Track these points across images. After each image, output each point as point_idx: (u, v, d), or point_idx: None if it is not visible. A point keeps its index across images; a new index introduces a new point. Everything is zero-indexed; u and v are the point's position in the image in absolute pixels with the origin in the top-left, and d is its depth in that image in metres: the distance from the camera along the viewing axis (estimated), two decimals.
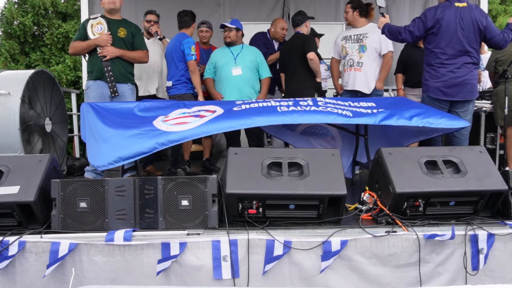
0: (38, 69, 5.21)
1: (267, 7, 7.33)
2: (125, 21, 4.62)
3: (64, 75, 10.20)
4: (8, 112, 4.53)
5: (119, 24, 4.51)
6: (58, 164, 3.20)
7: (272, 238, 2.67)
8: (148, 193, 2.80)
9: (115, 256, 2.69)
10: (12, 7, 10.57)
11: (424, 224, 2.83)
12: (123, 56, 4.46)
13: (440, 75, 4.12)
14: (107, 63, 4.35)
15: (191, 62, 4.80)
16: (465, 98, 4.14)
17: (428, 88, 4.22)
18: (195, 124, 3.34)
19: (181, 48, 4.82)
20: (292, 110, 3.43)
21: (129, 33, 4.53)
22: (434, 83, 4.16)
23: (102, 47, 4.35)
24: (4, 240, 2.67)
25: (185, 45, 4.79)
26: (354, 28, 5.05)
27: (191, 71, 4.84)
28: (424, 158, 3.04)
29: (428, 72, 4.23)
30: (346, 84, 5.05)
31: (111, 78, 4.35)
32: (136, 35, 4.61)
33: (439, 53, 4.11)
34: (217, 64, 5.12)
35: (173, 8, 6.06)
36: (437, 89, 4.14)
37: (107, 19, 4.44)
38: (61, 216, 2.77)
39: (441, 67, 4.12)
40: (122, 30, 4.48)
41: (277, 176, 2.87)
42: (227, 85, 5.05)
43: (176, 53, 4.87)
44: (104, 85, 4.40)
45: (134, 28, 4.63)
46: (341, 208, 2.88)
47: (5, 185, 2.84)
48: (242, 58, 5.06)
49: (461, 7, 4.06)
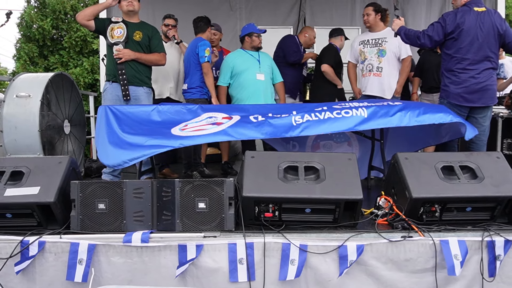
0: (57, 72, 5.30)
1: (282, 11, 7.34)
2: (143, 24, 4.65)
3: (82, 78, 10.35)
4: (28, 114, 4.61)
5: (136, 27, 4.54)
6: (77, 165, 3.25)
7: (288, 242, 2.68)
8: (166, 195, 2.83)
9: (133, 257, 2.72)
10: (31, 11, 10.75)
11: (440, 230, 2.82)
12: (139, 59, 4.48)
13: (461, 81, 4.05)
14: (121, 65, 4.38)
15: (205, 64, 4.82)
16: (486, 104, 4.08)
17: (448, 94, 4.13)
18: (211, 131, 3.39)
19: (196, 51, 4.86)
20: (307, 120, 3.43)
21: (145, 36, 4.55)
22: (455, 89, 4.08)
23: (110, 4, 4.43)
24: (24, 240, 2.72)
25: (199, 48, 4.83)
26: (372, 32, 5.02)
27: (204, 73, 4.86)
28: (441, 163, 3.02)
29: (448, 78, 4.14)
30: (365, 89, 5.02)
31: (124, 81, 4.39)
32: (153, 37, 4.61)
33: (460, 58, 4.04)
34: (237, 69, 5.07)
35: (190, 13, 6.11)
36: (458, 95, 4.06)
37: (126, 22, 4.50)
38: (80, 217, 2.82)
39: (462, 72, 4.04)
40: (138, 33, 4.50)
41: (294, 180, 2.88)
42: (252, 90, 5.01)
43: (192, 57, 4.91)
44: (119, 88, 4.45)
45: (151, 31, 4.64)
46: (357, 213, 2.88)
47: (25, 186, 2.89)
48: (263, 63, 5.08)
49: (480, 11, 4.02)
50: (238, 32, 7.30)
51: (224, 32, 6.11)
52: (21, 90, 4.70)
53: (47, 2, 10.75)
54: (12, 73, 12.25)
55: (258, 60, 5.07)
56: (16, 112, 4.63)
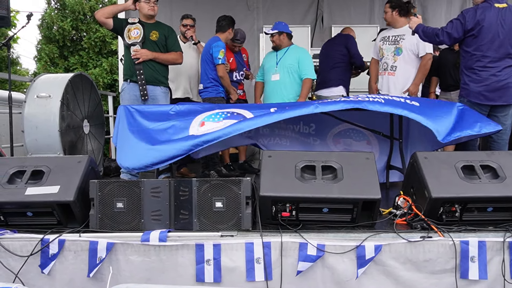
0: (77, 72, 5.36)
1: (300, 10, 7.33)
2: (159, 24, 4.68)
3: (101, 78, 10.48)
4: (48, 114, 4.68)
5: (152, 27, 4.57)
6: (96, 165, 3.28)
7: (305, 241, 2.67)
8: (183, 194, 2.84)
9: (151, 256, 2.74)
10: (52, 12, 10.91)
11: (460, 230, 2.77)
12: (156, 58, 4.51)
13: (482, 79, 3.98)
14: (139, 66, 4.42)
15: (219, 66, 4.83)
16: (507, 102, 4.00)
17: (469, 93, 4.06)
18: (228, 124, 3.45)
19: (210, 52, 4.86)
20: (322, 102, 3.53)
21: (161, 35, 4.58)
22: (476, 87, 4.01)
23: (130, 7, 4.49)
24: (44, 238, 2.75)
25: (213, 49, 4.82)
26: (393, 29, 4.91)
27: (220, 76, 4.87)
28: (461, 162, 2.97)
29: (468, 76, 4.07)
30: (380, 87, 4.95)
31: (142, 81, 4.42)
32: (169, 36, 4.64)
33: (481, 56, 3.97)
34: (264, 67, 5.24)
35: (208, 13, 6.17)
36: (479, 93, 4.00)
37: (142, 23, 4.54)
38: (98, 215, 2.85)
39: (483, 70, 3.98)
40: (154, 33, 4.54)
41: (311, 179, 2.87)
42: (268, 89, 5.15)
43: (207, 57, 4.92)
44: (136, 87, 4.49)
45: (167, 30, 4.67)
46: (375, 212, 2.85)
47: (46, 184, 2.93)
48: (283, 62, 5.04)
49: (501, 8, 3.93)
50: (256, 31, 7.35)
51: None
52: (41, 91, 4.77)
53: (67, 4, 10.91)
54: (33, 74, 12.45)
55: (276, 61, 5.06)
56: (37, 112, 4.71)
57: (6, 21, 3.57)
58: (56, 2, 11.51)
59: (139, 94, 4.46)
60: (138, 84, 4.44)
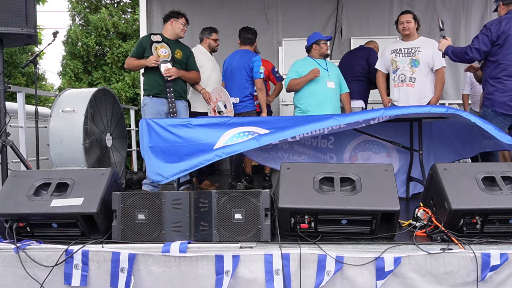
0: (100, 87, 5.50)
1: (319, 23, 7.37)
2: (180, 43, 4.90)
3: (124, 92, 10.66)
4: (72, 128, 4.81)
5: (176, 46, 4.79)
6: (118, 177, 3.36)
7: (324, 253, 2.68)
8: (203, 206, 2.88)
9: (171, 267, 2.78)
10: (76, 29, 11.18)
11: (482, 242, 2.75)
12: (183, 76, 4.73)
13: (507, 89, 3.98)
14: (170, 83, 4.57)
15: (259, 80, 4.90)
16: None
17: (494, 103, 4.05)
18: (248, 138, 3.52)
19: (250, 66, 4.91)
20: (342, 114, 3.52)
21: (184, 55, 4.80)
22: (501, 97, 4.00)
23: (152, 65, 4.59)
24: (68, 249, 2.82)
25: (255, 63, 4.90)
26: (405, 42, 4.93)
27: (259, 89, 4.92)
28: (481, 174, 2.95)
29: (493, 86, 4.06)
30: (397, 99, 4.89)
31: (172, 98, 4.57)
32: (190, 56, 4.89)
33: (507, 65, 3.98)
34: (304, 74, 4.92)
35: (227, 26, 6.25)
36: (505, 103, 3.99)
37: (166, 41, 4.66)
38: (121, 227, 2.91)
39: (508, 79, 3.98)
40: (178, 52, 4.75)
41: (329, 191, 2.88)
42: (321, 98, 4.88)
43: (243, 70, 4.95)
44: (160, 102, 4.60)
45: (188, 51, 4.91)
46: (394, 224, 2.84)
47: (70, 197, 3.00)
48: (332, 71, 5.00)
49: None
50: (275, 44, 7.44)
51: (261, 44, 6.20)
52: (66, 105, 4.91)
53: (91, 20, 11.18)
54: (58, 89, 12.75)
55: (326, 69, 4.97)
56: (62, 126, 4.84)
57: (34, 39, 3.69)
58: (80, 19, 11.81)
59: (163, 108, 4.61)
60: (167, 100, 4.60)
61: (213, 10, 7.33)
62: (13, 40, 3.71)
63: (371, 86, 5.66)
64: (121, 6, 12.44)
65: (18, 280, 2.83)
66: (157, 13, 7.18)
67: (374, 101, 6.03)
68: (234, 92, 5.00)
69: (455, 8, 7.23)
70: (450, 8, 7.24)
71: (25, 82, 12.83)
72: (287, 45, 7.26)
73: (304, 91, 4.93)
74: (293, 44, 7.11)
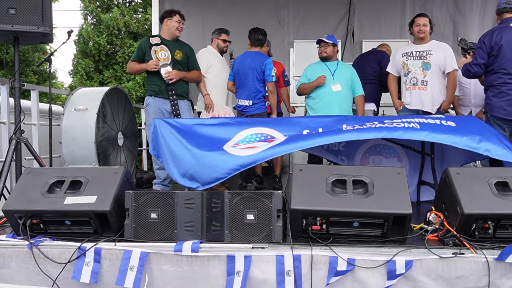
0: (112, 86, 5.54)
1: (331, 25, 7.36)
2: (180, 42, 4.90)
3: (134, 92, 10.72)
4: (85, 126, 4.85)
5: (176, 47, 4.79)
6: (131, 176, 3.38)
7: (336, 255, 2.68)
8: (215, 206, 2.90)
9: (183, 266, 2.79)
10: (88, 28, 11.26)
11: (494, 247, 2.73)
12: (184, 77, 4.76)
13: (504, 94, 4.14)
14: (172, 86, 4.62)
15: (271, 83, 4.92)
16: None
17: (492, 108, 4.21)
18: (264, 148, 3.49)
19: (262, 68, 4.92)
20: (358, 128, 3.46)
21: (184, 55, 4.81)
22: (498, 102, 4.17)
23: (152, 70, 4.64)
24: (81, 246, 2.85)
25: (267, 66, 4.91)
26: (416, 45, 4.94)
27: (270, 91, 4.94)
28: (494, 179, 2.94)
29: (491, 92, 4.24)
30: (409, 103, 4.89)
31: (175, 101, 4.63)
32: (190, 55, 4.89)
33: (502, 73, 4.15)
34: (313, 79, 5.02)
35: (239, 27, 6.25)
36: (501, 108, 4.14)
37: (165, 42, 4.68)
38: (133, 225, 2.93)
39: (504, 85, 4.15)
40: (178, 53, 4.76)
41: (342, 193, 2.89)
42: (327, 101, 4.94)
43: (255, 73, 4.96)
44: (162, 102, 4.66)
45: (188, 49, 4.90)
46: (406, 228, 2.84)
47: (83, 194, 3.03)
48: (339, 74, 5.00)
49: None
50: (287, 46, 7.44)
51: (273, 46, 6.20)
52: (79, 104, 4.96)
53: (102, 19, 11.26)
54: (69, 87, 12.84)
55: (331, 72, 4.98)
56: (74, 125, 4.89)
57: (49, 37, 3.72)
58: (92, 18, 11.90)
59: (166, 107, 4.66)
60: (170, 102, 4.64)
61: (225, 11, 7.35)
62: (29, 39, 3.75)
63: (383, 89, 5.65)
64: (133, 5, 12.53)
65: (31, 276, 2.86)
66: None
67: (386, 104, 6.02)
68: (246, 95, 5.02)
69: (469, 11, 7.20)
70: (463, 11, 7.21)
71: (37, 80, 12.93)
72: (299, 47, 7.27)
73: (312, 94, 5.04)
74: (304, 46, 7.12)
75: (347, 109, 5.01)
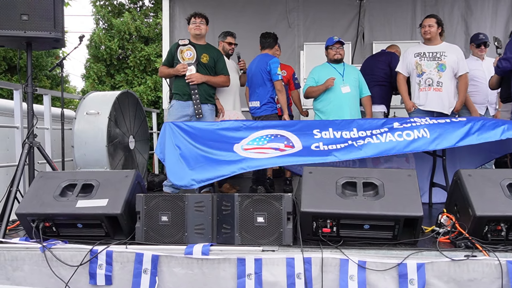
0: (123, 90, 5.58)
1: (341, 27, 7.33)
2: (209, 47, 4.88)
3: (145, 95, 10.78)
4: (96, 130, 4.89)
5: (203, 50, 4.78)
6: (142, 179, 3.40)
7: (346, 258, 2.67)
8: (225, 209, 2.91)
9: (193, 269, 2.80)
10: (100, 33, 11.36)
11: (507, 250, 2.71)
12: (208, 81, 4.74)
13: None
14: (194, 86, 4.62)
15: (278, 82, 4.89)
16: None
17: None
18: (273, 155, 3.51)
19: (268, 69, 4.92)
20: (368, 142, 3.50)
21: (211, 59, 4.79)
22: None
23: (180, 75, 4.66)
24: (93, 249, 2.87)
25: (271, 65, 4.89)
26: (428, 45, 4.89)
27: (278, 90, 4.92)
28: (507, 180, 2.91)
29: None
30: (423, 104, 4.83)
31: (197, 100, 4.61)
32: (218, 60, 4.86)
33: None
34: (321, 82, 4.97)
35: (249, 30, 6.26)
36: None
37: (193, 44, 4.71)
38: (144, 228, 2.95)
39: None
40: (205, 56, 4.76)
41: (352, 195, 2.88)
42: (338, 103, 4.90)
43: (263, 74, 4.96)
44: (185, 105, 4.65)
45: (217, 54, 4.88)
46: (417, 230, 2.82)
47: (95, 198, 3.06)
48: (348, 76, 4.98)
49: None
50: (296, 48, 7.43)
51: (282, 48, 6.19)
52: (91, 108, 4.99)
53: (114, 24, 11.35)
54: (81, 91, 12.96)
55: (340, 73, 4.96)
56: (86, 128, 4.92)
57: (61, 43, 3.76)
58: (104, 23, 12.00)
59: (189, 112, 4.66)
60: (193, 103, 4.64)
61: (235, 14, 7.37)
62: (41, 44, 3.78)
63: (393, 91, 5.62)
64: (144, 10, 12.61)
65: (44, 279, 2.89)
66: (180, 17, 7.25)
67: (396, 106, 5.99)
68: (255, 97, 5.04)
69: (480, 12, 7.14)
70: (475, 12, 7.16)
71: (50, 84, 13.07)
72: (309, 49, 7.26)
73: (321, 97, 4.99)
74: (314, 48, 7.10)
75: (356, 111, 4.99)
